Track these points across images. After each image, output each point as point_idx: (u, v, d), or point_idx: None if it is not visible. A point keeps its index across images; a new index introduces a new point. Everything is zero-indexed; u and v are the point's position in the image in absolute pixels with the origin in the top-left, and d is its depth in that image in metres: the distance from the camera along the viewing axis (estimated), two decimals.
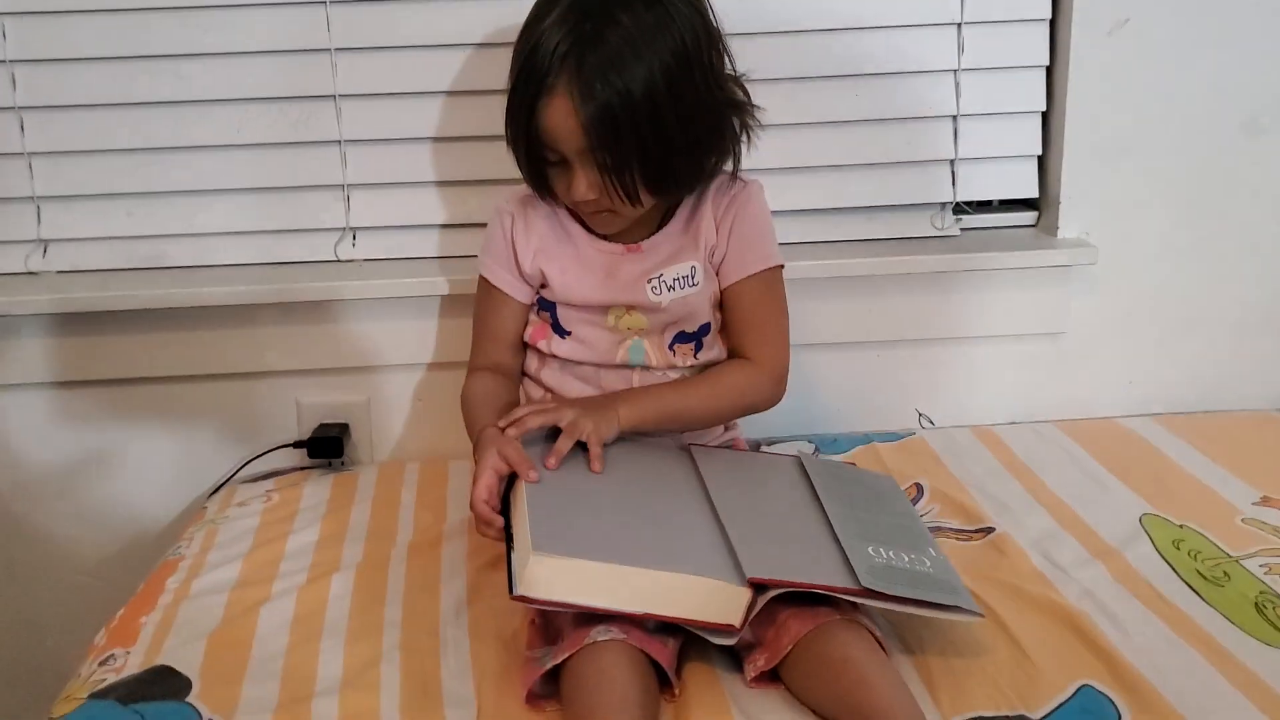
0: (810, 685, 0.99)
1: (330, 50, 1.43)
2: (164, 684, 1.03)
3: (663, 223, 1.26)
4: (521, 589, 0.97)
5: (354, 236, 1.51)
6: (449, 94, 1.45)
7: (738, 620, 0.98)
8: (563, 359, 1.27)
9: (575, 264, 1.24)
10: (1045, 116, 1.53)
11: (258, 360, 1.50)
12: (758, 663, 1.01)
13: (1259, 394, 1.62)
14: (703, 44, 1.14)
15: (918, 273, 1.51)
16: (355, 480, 1.45)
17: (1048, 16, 1.49)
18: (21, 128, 1.44)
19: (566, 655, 0.97)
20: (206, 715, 0.99)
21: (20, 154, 1.45)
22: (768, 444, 1.49)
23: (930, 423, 1.60)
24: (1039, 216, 1.59)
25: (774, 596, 1.00)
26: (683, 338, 1.26)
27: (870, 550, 1.06)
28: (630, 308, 1.24)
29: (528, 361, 1.31)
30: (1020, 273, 1.52)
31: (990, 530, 1.27)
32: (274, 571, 1.23)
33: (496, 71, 1.41)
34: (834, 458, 1.45)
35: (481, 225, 1.47)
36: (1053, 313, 1.56)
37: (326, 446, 1.50)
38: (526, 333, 1.29)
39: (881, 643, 1.02)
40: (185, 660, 1.06)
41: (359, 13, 1.42)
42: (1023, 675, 1.01)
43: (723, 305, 1.27)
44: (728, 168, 1.23)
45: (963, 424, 1.57)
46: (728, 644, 1.00)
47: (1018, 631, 1.07)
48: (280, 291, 1.45)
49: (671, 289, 1.23)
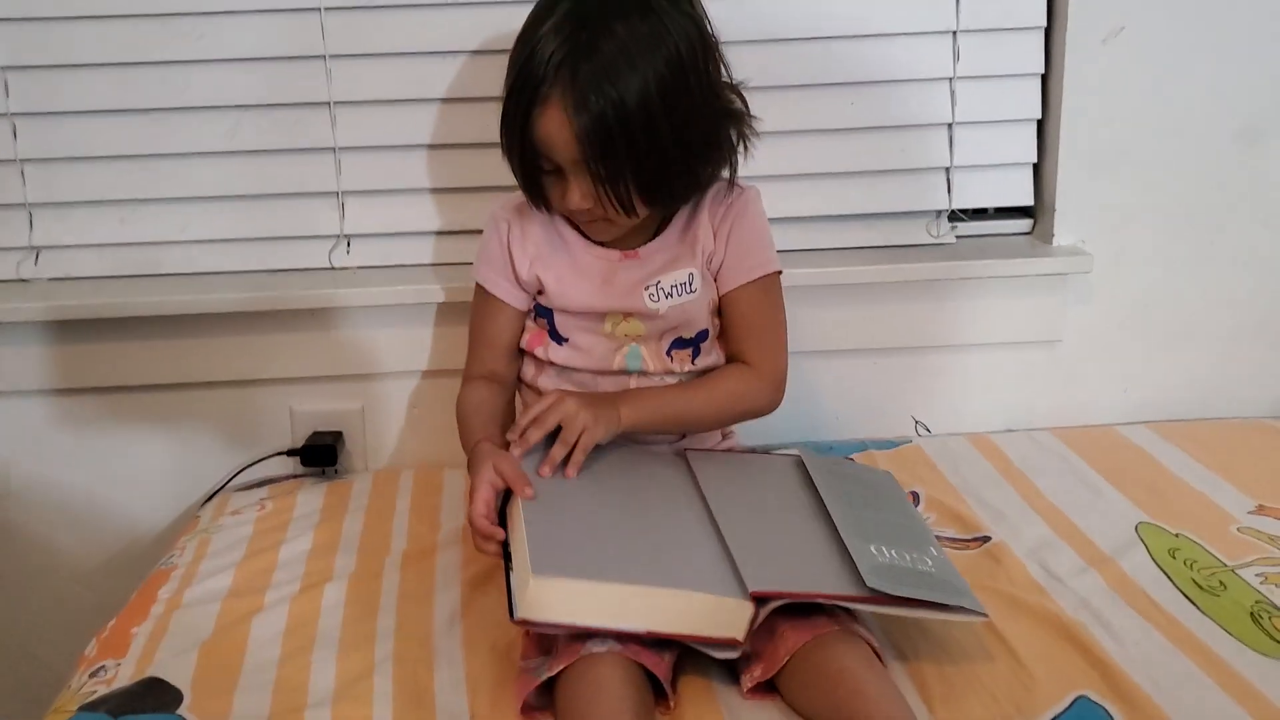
0: (806, 696, 0.98)
1: (325, 57, 1.42)
2: (155, 696, 1.02)
3: (660, 229, 1.25)
4: (522, 612, 0.95)
5: (348, 244, 1.50)
6: (443, 101, 1.45)
7: (741, 634, 0.98)
8: (560, 365, 1.26)
9: (572, 271, 1.24)
10: (1040, 124, 1.53)
11: (251, 368, 1.49)
12: (754, 674, 1.00)
13: (1254, 401, 1.62)
14: (698, 53, 1.14)
15: (913, 280, 1.51)
16: (349, 489, 1.45)
17: (1043, 25, 1.49)
18: (14, 134, 1.43)
19: (562, 667, 0.97)
20: None
21: (12, 160, 1.44)
22: (763, 450, 1.48)
23: (926, 430, 1.60)
24: (1034, 224, 1.59)
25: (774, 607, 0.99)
26: (680, 344, 1.26)
27: (873, 549, 1.05)
28: (628, 314, 1.24)
29: (524, 368, 1.31)
30: (1016, 280, 1.52)
31: (986, 539, 1.27)
32: (267, 581, 1.22)
33: (491, 78, 1.41)
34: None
35: (476, 232, 1.47)
36: (1048, 320, 1.56)
37: (320, 454, 1.49)
38: (523, 339, 1.29)
39: (878, 653, 1.02)
40: (177, 671, 1.06)
41: (353, 19, 1.42)
42: (1019, 686, 1.01)
43: (721, 311, 1.27)
44: (725, 176, 1.23)
45: (959, 431, 1.57)
46: (730, 657, 1.00)
47: (1014, 642, 1.07)
48: (274, 299, 1.44)
49: (669, 296, 1.23)
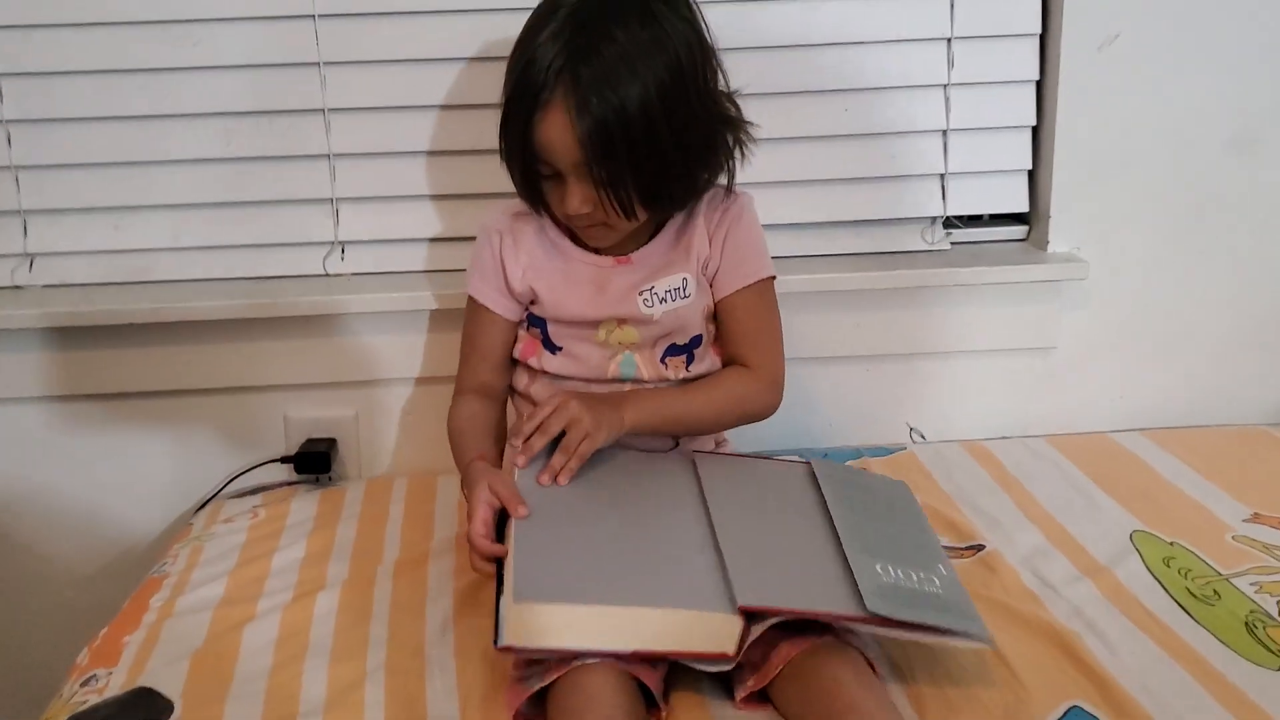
0: (799, 708, 0.98)
1: (319, 64, 1.42)
2: (145, 706, 1.02)
3: (653, 235, 1.25)
4: (507, 639, 0.94)
5: (342, 250, 1.50)
6: (438, 108, 1.45)
7: (731, 649, 0.97)
8: (553, 374, 1.26)
9: (565, 280, 1.24)
10: (1035, 131, 1.53)
11: (245, 375, 1.49)
12: (747, 684, 1.00)
13: (1249, 408, 1.62)
14: (697, 60, 1.14)
15: (908, 287, 1.51)
16: (342, 496, 1.45)
17: (1038, 32, 1.49)
18: (8, 141, 1.43)
19: (554, 677, 0.96)
20: None
21: (7, 167, 1.44)
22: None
23: (921, 437, 1.60)
24: (1029, 231, 1.59)
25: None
26: (674, 350, 1.26)
27: (879, 568, 1.03)
28: (621, 321, 1.23)
29: (517, 377, 1.30)
30: (1010, 287, 1.52)
31: (981, 547, 1.26)
32: (259, 589, 1.22)
33: (486, 86, 1.41)
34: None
35: (471, 239, 1.47)
36: (1043, 327, 1.56)
37: (314, 462, 1.49)
38: (516, 349, 1.29)
39: (873, 665, 1.01)
40: (168, 681, 1.06)
41: (347, 26, 1.41)
42: (1012, 696, 1.01)
43: (718, 317, 1.27)
44: (721, 181, 1.23)
45: (953, 438, 1.57)
46: (724, 670, 0.99)
47: (1007, 651, 1.06)
48: (268, 306, 1.44)
49: (663, 301, 1.23)
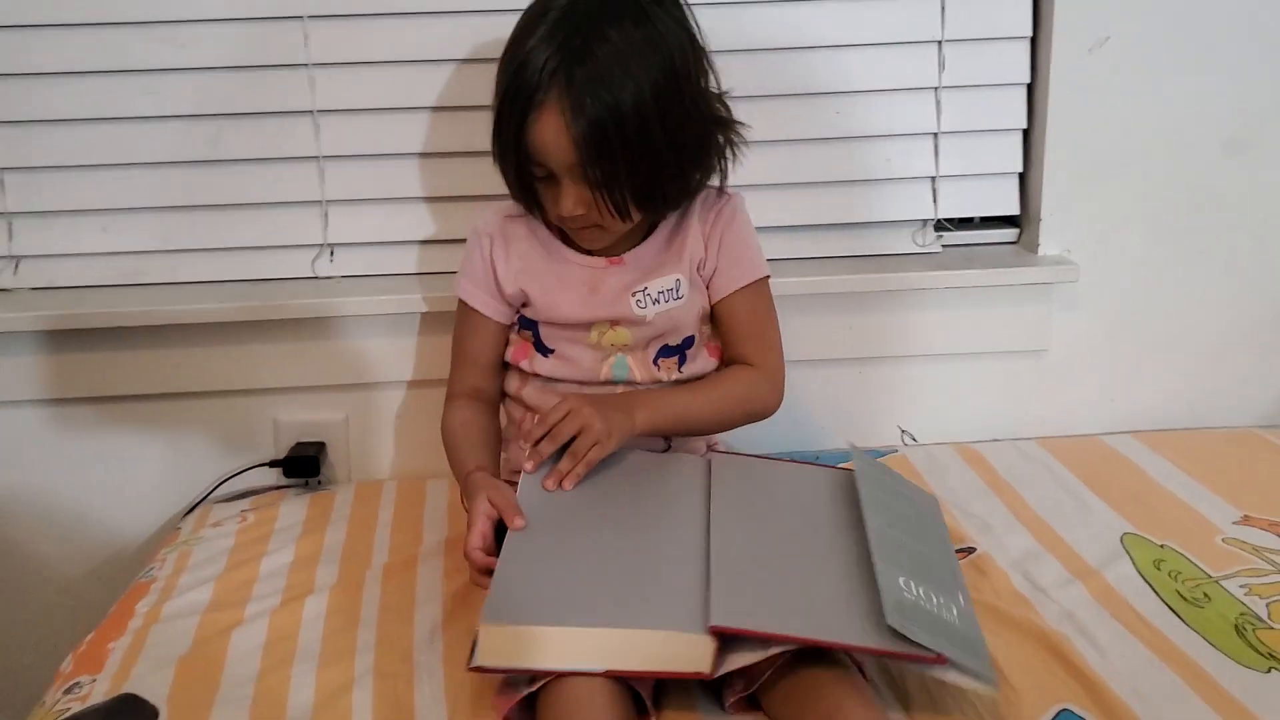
0: (789, 712, 0.97)
1: (308, 65, 1.42)
2: (129, 712, 1.01)
3: (646, 236, 1.25)
4: (479, 659, 0.94)
5: (332, 253, 1.50)
6: (427, 110, 1.44)
7: (706, 668, 0.95)
8: (545, 377, 1.26)
9: (557, 282, 1.24)
10: (1026, 134, 1.53)
11: (234, 378, 1.48)
12: (736, 689, 1.00)
13: (1240, 411, 1.62)
14: (690, 60, 1.14)
15: (899, 289, 1.51)
16: (332, 500, 1.44)
17: (1029, 34, 1.49)
18: None
19: (543, 683, 0.96)
20: None
21: None
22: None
23: (913, 440, 1.60)
24: (1020, 233, 1.59)
25: None
26: (666, 351, 1.26)
27: (902, 581, 0.99)
28: (614, 323, 1.23)
29: (508, 381, 1.30)
30: (1001, 290, 1.52)
31: (971, 550, 1.26)
32: (247, 594, 1.21)
33: (475, 87, 1.41)
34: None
35: (460, 241, 1.46)
36: (1034, 330, 1.56)
37: (303, 465, 1.48)
38: (508, 353, 1.28)
39: (861, 668, 1.01)
40: (153, 687, 1.05)
41: (336, 28, 1.41)
42: (1002, 700, 1.00)
43: (717, 318, 1.28)
44: (714, 182, 1.23)
45: (945, 441, 1.57)
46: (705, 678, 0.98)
47: (997, 654, 1.06)
48: (257, 309, 1.44)
49: (656, 302, 1.23)
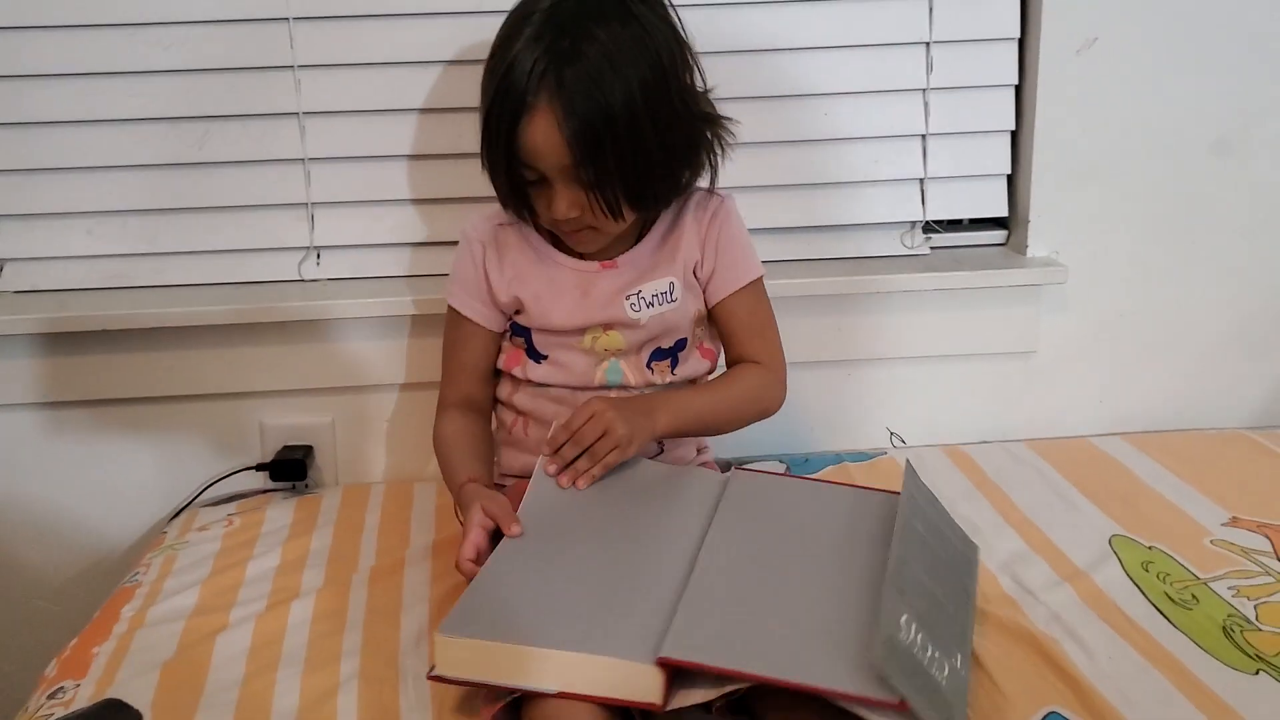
0: (779, 715, 0.97)
1: (294, 67, 1.41)
2: (113, 717, 1.00)
3: (638, 239, 1.25)
4: (438, 669, 0.95)
5: (318, 255, 1.49)
6: (414, 111, 1.44)
7: (657, 699, 0.93)
8: (538, 383, 1.25)
9: (550, 287, 1.23)
10: (1015, 135, 1.53)
11: (220, 381, 1.48)
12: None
13: (1229, 412, 1.62)
14: (677, 58, 1.14)
15: (888, 291, 1.51)
16: (319, 503, 1.43)
17: (1016, 36, 1.49)
18: None
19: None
20: None
21: None
22: (739, 463, 1.48)
23: (902, 442, 1.59)
24: (1009, 235, 1.59)
25: None
26: (659, 354, 1.25)
27: (904, 621, 0.94)
28: (608, 327, 1.23)
29: (500, 387, 1.30)
30: (990, 292, 1.52)
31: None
32: (232, 599, 1.21)
33: (462, 89, 1.41)
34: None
35: (447, 243, 1.46)
36: (1023, 331, 1.56)
37: (290, 469, 1.48)
38: (500, 360, 1.28)
39: None
40: (137, 692, 1.04)
41: (322, 29, 1.41)
42: (989, 703, 1.00)
43: (717, 320, 1.28)
44: (704, 180, 1.23)
45: (933, 443, 1.57)
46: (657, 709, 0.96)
47: (985, 657, 1.06)
48: (243, 312, 1.43)
49: (650, 305, 1.23)
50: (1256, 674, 1.03)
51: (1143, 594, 1.16)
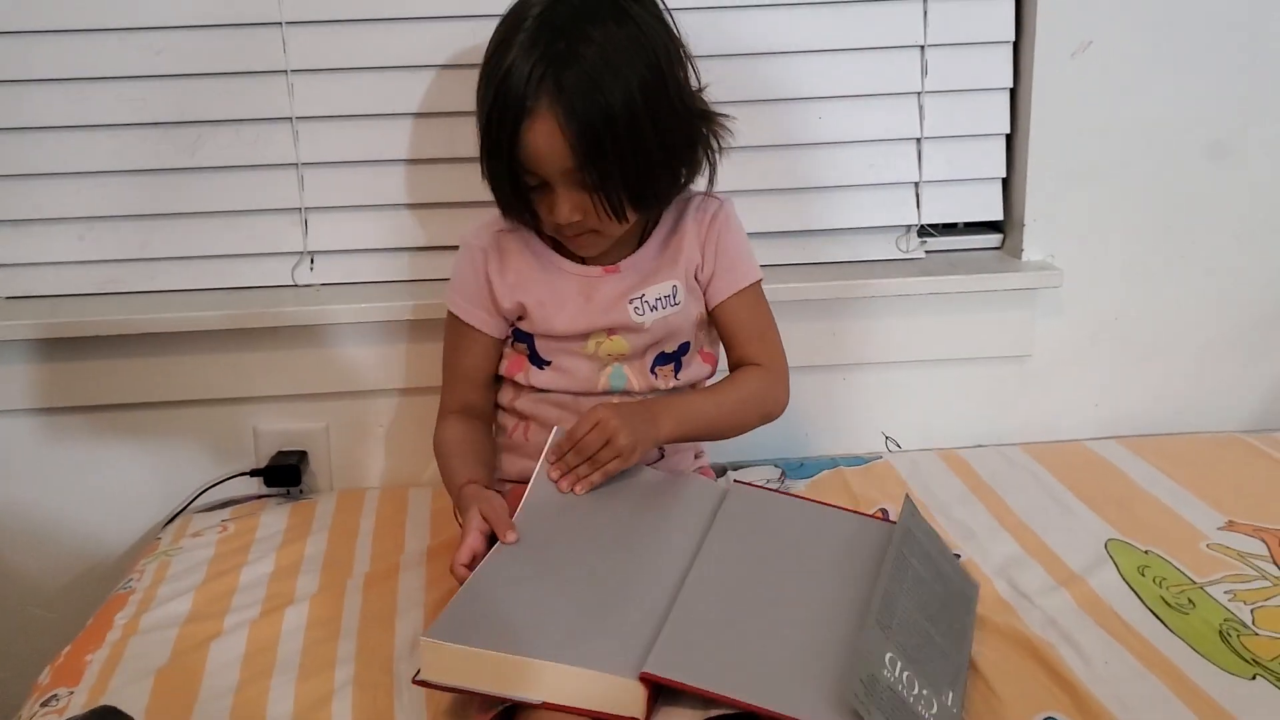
0: None
1: (286, 72, 1.41)
2: None
3: (640, 243, 1.25)
4: (422, 673, 0.94)
5: (311, 260, 1.49)
6: (406, 116, 1.43)
7: (639, 714, 0.92)
8: (541, 389, 1.25)
9: (553, 293, 1.23)
10: (1009, 139, 1.53)
11: (213, 387, 1.47)
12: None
13: (1224, 416, 1.62)
14: (673, 57, 1.15)
15: (883, 295, 1.51)
16: (313, 509, 1.43)
17: (1011, 39, 1.49)
18: None
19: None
20: None
21: None
22: (734, 468, 1.48)
23: (897, 446, 1.59)
24: (1004, 239, 1.59)
25: None
26: (663, 359, 1.25)
27: (888, 659, 0.93)
28: (611, 331, 1.23)
29: (501, 392, 1.29)
30: (985, 295, 1.52)
31: (956, 557, 1.25)
32: (226, 605, 1.20)
33: (455, 93, 1.40)
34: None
35: (441, 248, 1.46)
36: (1018, 335, 1.56)
37: (284, 474, 1.47)
38: (502, 366, 1.27)
39: None
40: (131, 700, 1.04)
41: (314, 34, 1.40)
42: (985, 708, 1.00)
43: (718, 323, 1.28)
44: (703, 179, 1.23)
45: (929, 447, 1.57)
46: None
47: (981, 662, 1.06)
48: (236, 317, 1.43)
49: (654, 309, 1.23)
50: (1253, 679, 1.03)
51: (1139, 598, 1.16)
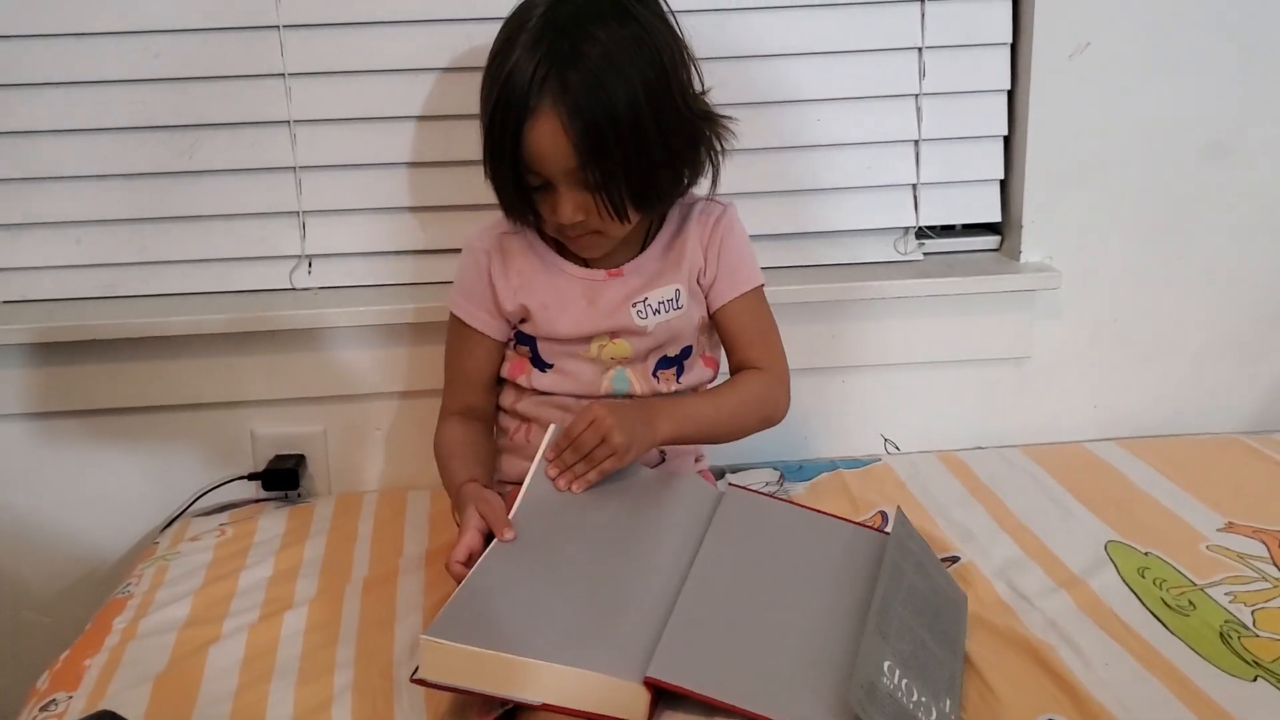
0: None
1: (284, 75, 1.41)
2: None
3: (643, 247, 1.25)
4: (421, 672, 0.94)
5: (309, 264, 1.48)
6: (404, 119, 1.43)
7: (641, 718, 0.93)
8: (543, 392, 1.25)
9: (557, 296, 1.23)
10: (1007, 141, 1.53)
11: (211, 390, 1.47)
12: None
13: (1223, 417, 1.62)
14: (676, 58, 1.15)
15: (881, 298, 1.51)
16: (311, 513, 1.43)
17: (1008, 41, 1.49)
18: None
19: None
20: None
21: None
22: (733, 471, 1.48)
23: (896, 448, 1.59)
24: (1002, 241, 1.59)
25: None
26: (665, 363, 1.25)
27: (887, 666, 0.94)
28: (614, 335, 1.23)
29: (503, 395, 1.29)
30: (983, 297, 1.52)
31: (955, 559, 1.26)
32: (225, 609, 1.20)
33: (453, 96, 1.40)
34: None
35: (438, 252, 1.46)
36: (1017, 337, 1.56)
37: (282, 478, 1.47)
38: (504, 368, 1.27)
39: None
40: (129, 705, 1.03)
41: (312, 37, 1.40)
42: (986, 710, 1.00)
43: (719, 326, 1.28)
44: (705, 181, 1.23)
45: (928, 449, 1.56)
46: None
47: (981, 664, 1.06)
48: (234, 321, 1.42)
49: (657, 312, 1.23)
50: (1255, 680, 1.02)
51: (1139, 600, 1.16)
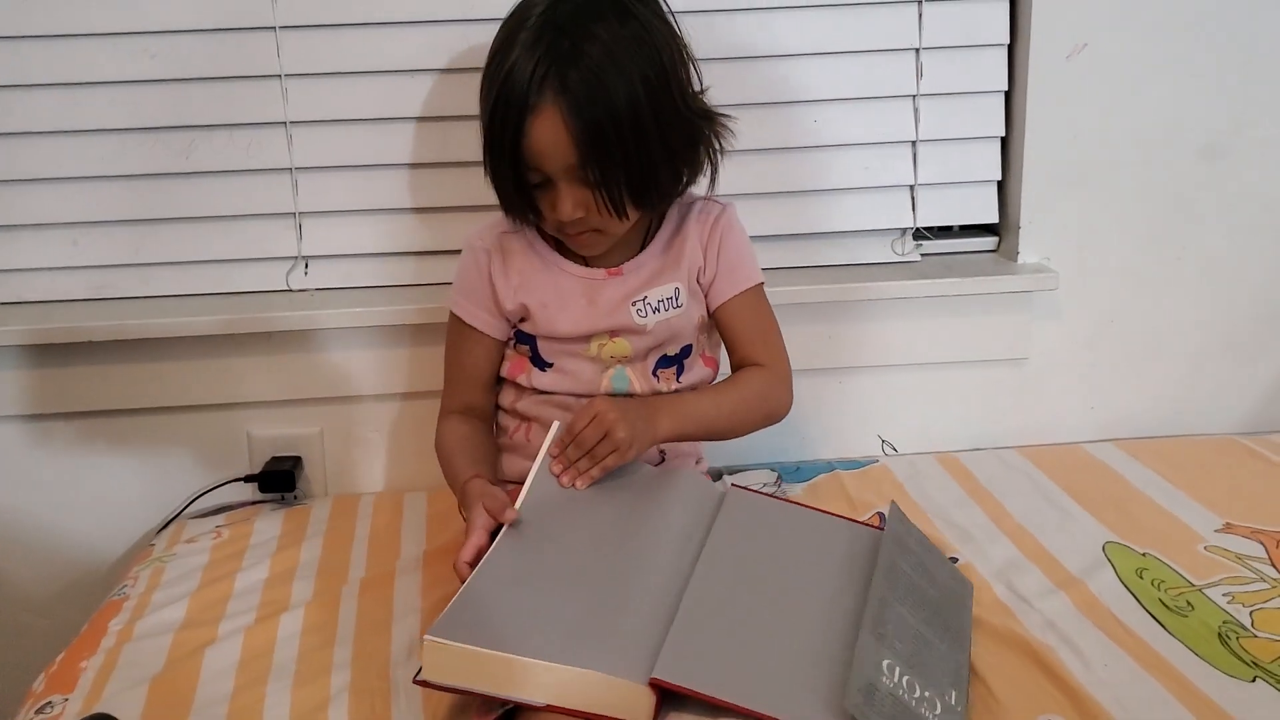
0: None
1: (280, 76, 1.40)
2: None
3: (643, 246, 1.25)
4: (424, 673, 0.93)
5: (306, 265, 1.48)
6: (401, 120, 1.43)
7: (645, 718, 0.92)
8: (543, 391, 1.25)
9: (556, 295, 1.23)
10: (1004, 142, 1.53)
11: (207, 392, 1.47)
12: None
13: (1221, 418, 1.62)
14: (676, 56, 1.15)
15: (879, 299, 1.50)
16: (308, 514, 1.43)
17: (1006, 42, 1.49)
18: None
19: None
20: None
21: None
22: (731, 472, 1.47)
23: (893, 450, 1.59)
24: (999, 242, 1.59)
25: None
26: (665, 362, 1.25)
27: (885, 664, 0.94)
28: (614, 333, 1.23)
29: (503, 394, 1.29)
30: (981, 298, 1.52)
31: (954, 560, 1.25)
32: (221, 611, 1.20)
33: (450, 97, 1.40)
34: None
35: (435, 253, 1.46)
36: (1014, 338, 1.56)
37: (278, 480, 1.47)
38: (504, 367, 1.27)
39: None
40: (125, 707, 1.03)
41: (308, 38, 1.40)
42: (985, 710, 1.00)
43: (720, 325, 1.28)
44: (704, 179, 1.23)
45: (925, 450, 1.56)
46: None
47: (980, 665, 1.05)
48: (230, 322, 1.42)
49: (656, 311, 1.23)
50: (1253, 681, 1.02)
51: (1137, 601, 1.16)
